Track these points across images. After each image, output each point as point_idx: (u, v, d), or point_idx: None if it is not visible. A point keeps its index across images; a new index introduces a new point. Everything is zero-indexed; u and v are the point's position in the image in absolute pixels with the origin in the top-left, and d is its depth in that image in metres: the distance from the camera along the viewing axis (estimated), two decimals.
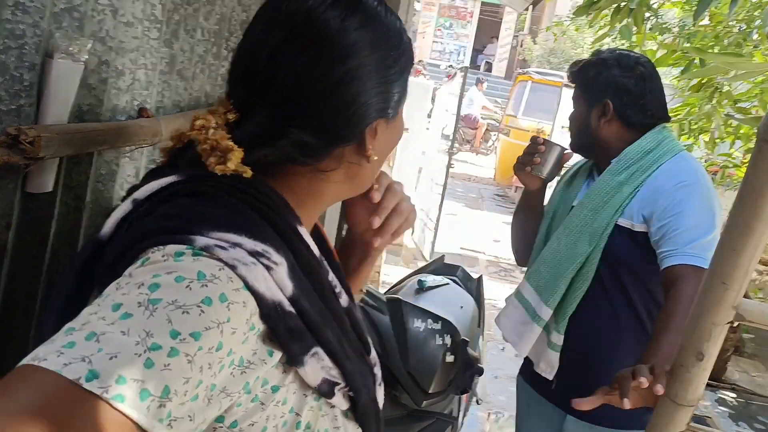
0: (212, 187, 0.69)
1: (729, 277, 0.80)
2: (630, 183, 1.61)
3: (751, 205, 0.75)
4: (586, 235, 1.62)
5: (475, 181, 11.42)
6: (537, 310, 1.67)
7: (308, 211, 0.78)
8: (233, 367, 0.61)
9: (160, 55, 1.09)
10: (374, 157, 0.77)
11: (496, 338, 4.78)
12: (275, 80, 0.71)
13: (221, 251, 0.62)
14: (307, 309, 0.67)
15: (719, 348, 0.87)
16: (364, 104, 0.73)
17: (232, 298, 0.60)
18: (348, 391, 0.74)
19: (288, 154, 0.72)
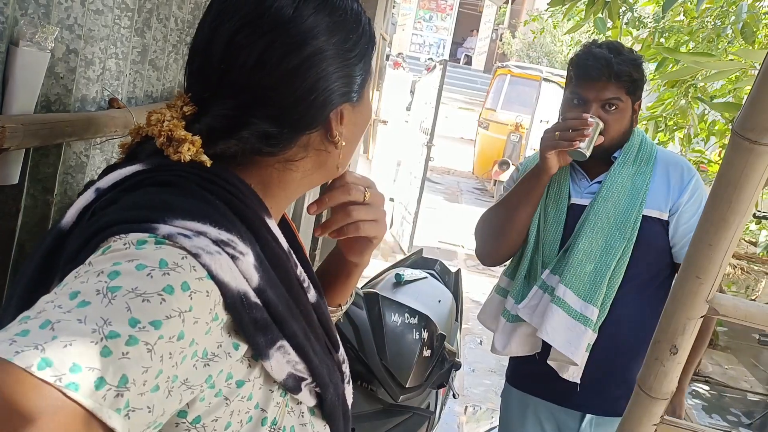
0: (180, 176, 0.67)
1: (703, 272, 0.81)
2: (640, 174, 1.67)
3: (726, 199, 0.75)
4: (618, 230, 1.64)
5: (454, 174, 11.45)
6: (583, 311, 1.63)
7: (277, 202, 0.76)
8: (196, 358, 0.59)
9: (132, 44, 1.06)
10: (342, 142, 0.76)
11: (474, 332, 4.80)
12: (231, 71, 0.70)
13: (184, 239, 0.60)
14: (273, 301, 0.66)
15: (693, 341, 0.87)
16: (326, 89, 0.72)
17: (195, 287, 0.58)
18: (315, 387, 0.73)
19: (252, 146, 0.70)
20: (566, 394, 1.73)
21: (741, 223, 0.76)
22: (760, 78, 0.71)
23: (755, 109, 0.72)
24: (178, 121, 0.69)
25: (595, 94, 1.63)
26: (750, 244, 4.91)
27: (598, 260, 1.64)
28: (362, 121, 0.81)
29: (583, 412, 1.73)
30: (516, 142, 9.84)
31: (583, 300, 1.63)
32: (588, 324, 1.63)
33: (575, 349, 1.63)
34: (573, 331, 1.63)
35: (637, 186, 1.66)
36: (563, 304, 1.64)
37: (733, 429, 3.93)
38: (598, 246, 1.64)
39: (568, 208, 1.71)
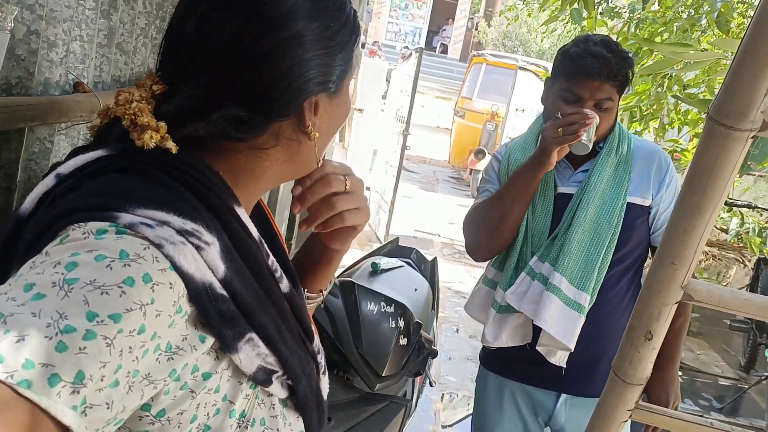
0: (144, 163, 0.65)
1: (678, 258, 0.81)
2: (622, 163, 1.71)
3: (701, 185, 0.75)
4: (605, 218, 1.67)
5: (430, 163, 11.45)
6: (577, 299, 1.66)
7: (247, 191, 0.74)
8: (159, 352, 0.57)
9: (98, 26, 1.03)
10: (315, 134, 0.73)
11: (450, 320, 4.82)
12: (203, 50, 0.67)
13: (147, 229, 0.58)
14: (241, 292, 0.64)
15: (668, 327, 0.88)
16: (301, 76, 0.69)
17: (157, 278, 0.56)
18: (286, 379, 0.71)
19: (221, 129, 0.68)
20: (548, 378, 1.76)
21: (716, 209, 0.76)
22: (735, 64, 0.70)
23: (730, 95, 0.71)
24: (146, 103, 0.67)
25: (590, 93, 1.63)
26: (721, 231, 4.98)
27: (589, 248, 1.67)
28: (339, 114, 0.78)
29: (565, 393, 1.76)
30: (492, 130, 9.87)
31: (577, 288, 1.66)
32: (581, 311, 1.66)
33: (570, 336, 1.66)
34: (568, 318, 1.66)
35: (620, 174, 1.70)
36: (559, 293, 1.66)
37: (704, 413, 4.00)
38: (588, 234, 1.67)
39: (558, 197, 1.72)
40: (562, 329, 1.65)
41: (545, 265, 1.68)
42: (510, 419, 1.82)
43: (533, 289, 1.68)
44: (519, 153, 1.79)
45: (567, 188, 1.73)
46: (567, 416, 1.78)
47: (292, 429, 0.76)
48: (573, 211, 1.68)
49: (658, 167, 1.74)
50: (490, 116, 10.02)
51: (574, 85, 1.64)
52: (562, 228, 1.69)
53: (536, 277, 1.69)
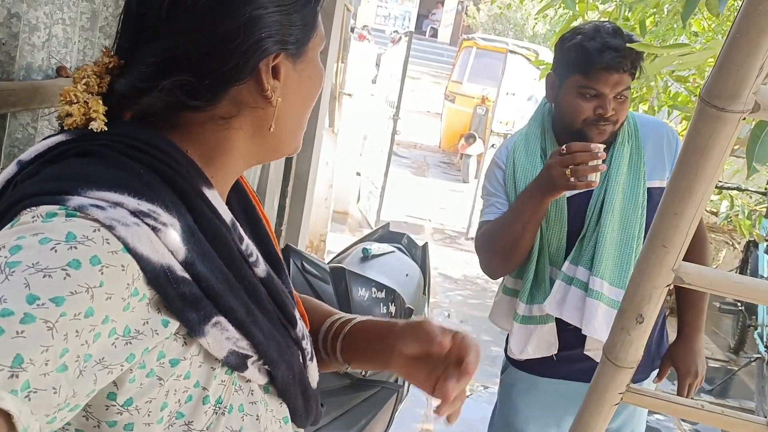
0: (105, 146, 0.63)
1: (669, 240, 0.80)
2: (635, 149, 1.65)
3: (692, 167, 0.75)
4: (632, 209, 1.62)
5: (420, 148, 11.43)
6: (619, 298, 1.59)
7: (220, 169, 0.71)
8: (115, 336, 0.56)
9: (80, 9, 1.01)
10: (277, 98, 0.70)
11: (441, 305, 4.84)
12: (146, 16, 0.65)
13: (97, 211, 0.57)
14: (205, 275, 0.62)
15: (659, 310, 0.88)
16: (251, 35, 0.65)
17: (107, 261, 0.55)
18: (263, 364, 0.70)
19: (174, 99, 0.65)
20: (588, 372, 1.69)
21: (707, 191, 0.76)
22: (726, 46, 0.70)
23: (721, 77, 0.71)
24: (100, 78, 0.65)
25: (612, 87, 1.57)
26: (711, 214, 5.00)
27: (621, 244, 1.62)
28: (307, 81, 0.74)
29: None
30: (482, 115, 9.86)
31: (618, 287, 1.60)
32: None
33: None
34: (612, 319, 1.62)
35: (634, 161, 1.65)
36: (601, 297, 1.60)
37: (695, 395, 4.03)
38: (618, 230, 1.62)
39: (571, 199, 1.65)
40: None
41: (580, 269, 1.62)
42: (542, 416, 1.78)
43: (573, 296, 1.62)
44: (523, 158, 1.70)
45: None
46: None
47: (274, 415, 0.75)
48: (598, 209, 1.63)
49: (668, 145, 1.70)
50: (480, 100, 10.01)
51: (595, 81, 1.57)
52: (590, 228, 1.63)
53: (573, 282, 1.63)
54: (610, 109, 1.58)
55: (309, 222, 3.80)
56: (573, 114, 1.61)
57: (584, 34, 1.60)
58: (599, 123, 1.59)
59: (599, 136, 1.60)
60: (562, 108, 1.65)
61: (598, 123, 1.59)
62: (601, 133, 1.61)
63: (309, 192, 3.52)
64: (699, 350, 1.76)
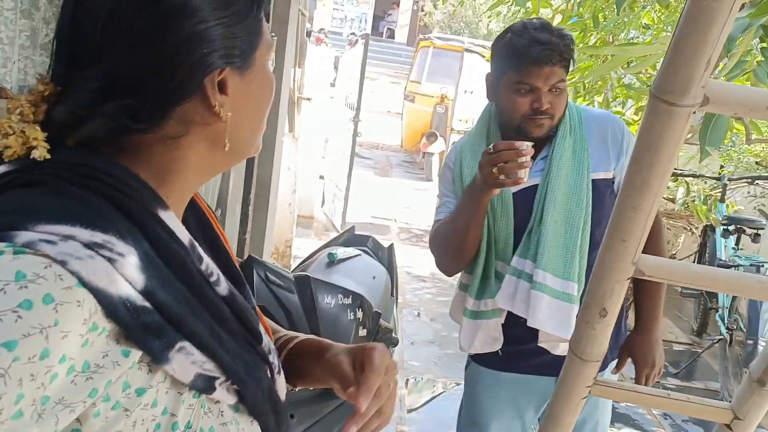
0: (51, 175, 0.60)
1: (628, 234, 0.81)
2: (579, 141, 1.67)
3: (646, 162, 0.75)
4: (574, 201, 1.64)
5: (383, 148, 11.45)
6: (565, 289, 1.63)
7: (174, 189, 0.69)
8: (74, 374, 0.54)
9: (19, 27, 0.98)
10: (226, 114, 0.67)
11: (411, 304, 4.84)
12: (81, 40, 0.62)
13: (48, 246, 0.54)
14: (166, 301, 0.60)
15: (621, 302, 0.89)
16: (194, 50, 0.63)
17: (61, 298, 0.53)
18: (231, 384, 0.68)
19: (118, 123, 0.63)
20: (547, 365, 1.73)
21: (662, 184, 0.77)
22: (674, 40, 0.70)
23: (671, 71, 0.72)
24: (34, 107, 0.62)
25: (544, 81, 1.60)
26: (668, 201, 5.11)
27: (565, 236, 1.64)
28: (257, 92, 0.72)
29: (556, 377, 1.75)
30: (442, 113, 9.92)
31: (562, 278, 1.63)
32: (572, 300, 1.64)
33: (566, 328, 1.63)
34: (561, 311, 1.63)
35: (578, 154, 1.67)
36: (545, 288, 1.63)
37: (661, 379, 4.11)
38: (561, 222, 1.64)
39: (517, 194, 1.68)
40: (557, 324, 1.63)
41: (528, 263, 1.65)
42: (505, 411, 1.80)
43: (522, 289, 1.65)
44: (470, 157, 1.74)
45: (530, 180, 1.65)
46: None
47: None
48: (542, 202, 1.65)
49: (614, 136, 1.71)
50: (439, 99, 10.07)
51: (526, 76, 1.60)
52: (535, 221, 1.66)
53: (522, 276, 1.66)
54: (546, 103, 1.61)
55: (273, 229, 3.77)
56: (511, 110, 1.65)
57: (513, 31, 1.64)
58: (537, 117, 1.62)
59: (538, 130, 1.64)
60: (501, 105, 1.68)
61: (536, 117, 1.62)
62: (540, 127, 1.64)
63: (272, 198, 3.49)
64: (656, 340, 1.79)
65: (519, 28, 1.64)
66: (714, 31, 0.66)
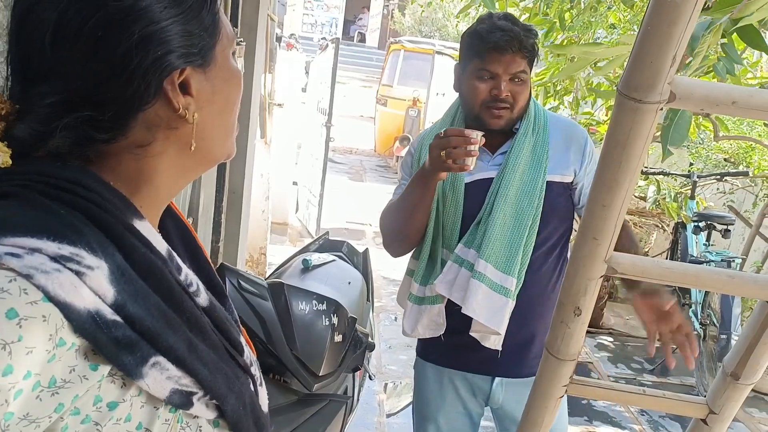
0: (21, 186, 0.59)
1: (599, 233, 0.81)
2: (539, 142, 1.70)
3: (616, 160, 0.76)
4: (527, 199, 1.66)
5: (356, 153, 11.44)
6: (503, 283, 1.65)
7: (148, 197, 0.67)
8: (39, 389, 0.53)
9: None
10: (193, 115, 0.65)
11: (388, 309, 4.83)
12: (31, 53, 0.60)
13: (13, 259, 0.53)
14: (139, 315, 0.58)
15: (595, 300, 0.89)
16: (148, 53, 0.60)
17: (26, 312, 0.52)
18: (209, 399, 0.66)
19: (81, 135, 0.61)
20: (484, 362, 1.76)
21: (632, 181, 0.77)
22: (640, 38, 0.71)
23: (637, 69, 0.72)
24: None
25: (504, 68, 1.62)
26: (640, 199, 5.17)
27: (512, 231, 1.66)
28: (225, 87, 0.70)
29: (499, 376, 1.77)
30: (414, 117, 9.95)
31: (502, 272, 1.65)
32: (508, 295, 1.66)
33: (499, 321, 1.66)
34: (496, 303, 1.65)
35: (538, 154, 1.69)
36: (484, 279, 1.65)
37: (637, 375, 4.15)
38: (510, 217, 1.66)
39: (471, 185, 1.70)
40: (491, 315, 1.65)
41: (471, 252, 1.68)
42: (451, 404, 1.82)
43: (461, 277, 1.68)
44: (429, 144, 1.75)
45: (487, 173, 1.71)
46: (504, 397, 1.80)
47: None
48: (494, 196, 1.68)
49: (576, 142, 1.74)
50: (411, 102, 10.10)
51: (487, 62, 1.63)
52: (485, 213, 1.68)
53: (463, 264, 1.68)
54: (505, 90, 1.63)
55: (247, 236, 3.73)
56: (472, 97, 1.67)
57: (479, 20, 1.69)
58: (495, 105, 1.64)
59: (496, 122, 1.66)
60: (464, 94, 1.71)
61: (494, 105, 1.64)
62: (498, 118, 1.66)
63: (245, 205, 3.45)
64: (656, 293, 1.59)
65: (484, 17, 1.69)
66: (679, 27, 0.67)
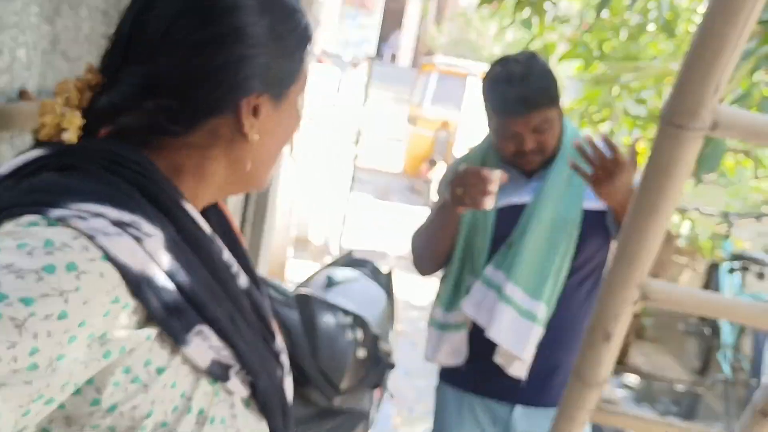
0: (84, 160, 0.64)
1: (635, 257, 0.81)
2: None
3: (656, 185, 0.76)
4: (562, 226, 1.65)
5: (382, 172, 11.44)
6: (531, 308, 1.63)
7: (191, 190, 0.72)
8: (91, 338, 0.57)
9: (41, 33, 1.00)
10: (254, 135, 0.72)
11: (407, 334, 4.81)
12: (140, 39, 0.67)
13: (79, 221, 0.58)
14: (189, 284, 0.63)
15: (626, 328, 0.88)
16: (238, 73, 0.68)
17: (84, 267, 0.56)
18: (245, 374, 0.70)
19: (154, 122, 0.67)
20: (506, 389, 1.73)
21: (671, 208, 0.77)
22: (684, 66, 0.71)
23: (681, 95, 0.73)
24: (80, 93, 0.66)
25: (524, 126, 1.61)
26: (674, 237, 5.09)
27: (544, 257, 1.64)
28: (286, 124, 0.77)
29: (521, 404, 1.74)
30: (444, 139, 9.89)
31: (531, 297, 1.63)
32: (536, 320, 1.63)
33: (523, 347, 1.63)
34: (521, 328, 1.63)
35: (575, 180, 1.66)
36: (512, 302, 1.63)
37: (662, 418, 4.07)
38: (543, 243, 1.64)
39: (505, 209, 1.69)
40: (515, 340, 1.63)
41: (500, 274, 1.66)
42: (469, 430, 1.79)
43: (489, 299, 1.66)
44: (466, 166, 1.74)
45: (521, 197, 1.70)
46: (524, 426, 1.75)
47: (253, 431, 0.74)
48: (528, 220, 1.66)
49: None
50: (442, 124, 10.05)
51: (507, 124, 1.63)
52: (516, 235, 1.67)
53: (492, 285, 1.67)
54: (530, 143, 1.62)
55: (269, 249, 3.76)
56: (500, 149, 1.68)
57: (490, 79, 1.65)
58: (524, 157, 1.65)
59: (528, 166, 1.66)
60: (492, 139, 1.71)
61: (523, 157, 1.65)
62: (530, 162, 1.66)
63: (269, 218, 3.48)
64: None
65: (494, 76, 1.64)
66: (724, 56, 0.68)
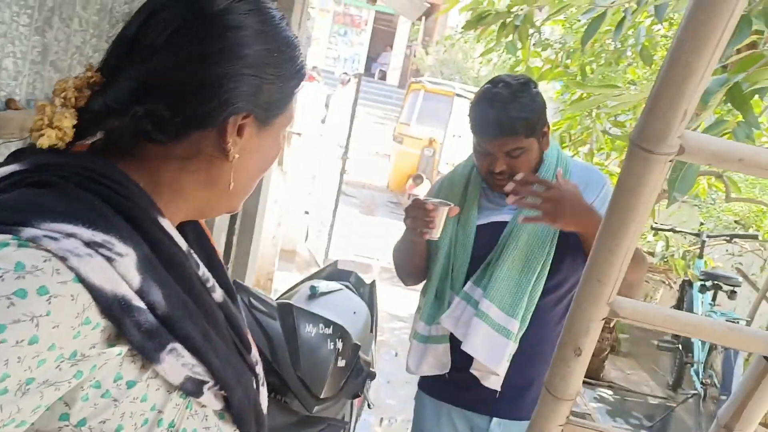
0: (58, 176, 0.64)
1: (604, 275, 0.84)
2: None
3: (624, 205, 0.79)
4: (538, 245, 1.68)
5: (369, 187, 11.50)
6: (506, 324, 1.68)
7: (168, 204, 0.72)
8: (61, 360, 0.58)
9: (32, 43, 1.01)
10: (235, 154, 0.72)
11: (389, 344, 4.82)
12: (143, 43, 0.68)
13: (50, 242, 0.58)
14: (161, 303, 0.64)
15: (595, 343, 0.91)
16: (229, 90, 0.69)
17: (55, 290, 0.57)
18: (219, 389, 0.71)
19: (140, 128, 0.68)
20: (482, 401, 1.77)
21: (638, 228, 0.80)
22: (654, 92, 0.74)
23: (649, 121, 0.76)
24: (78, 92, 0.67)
25: (498, 148, 1.65)
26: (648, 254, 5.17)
27: (520, 275, 1.69)
28: (266, 151, 0.78)
29: (497, 417, 1.78)
30: (430, 156, 10.02)
31: (506, 314, 1.68)
32: (510, 336, 1.68)
33: (497, 361, 1.68)
34: (496, 344, 1.68)
35: None
36: (486, 318, 1.68)
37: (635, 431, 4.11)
38: (519, 261, 1.69)
39: (484, 227, 1.74)
40: (490, 354, 1.68)
41: (478, 290, 1.71)
42: None
43: (466, 314, 1.71)
44: (447, 184, 1.84)
45: (501, 216, 1.73)
46: None
47: None
48: (506, 239, 1.70)
49: (593, 188, 1.73)
50: (428, 142, 10.18)
51: (483, 143, 1.68)
52: (495, 255, 1.71)
53: (470, 301, 1.71)
54: (501, 166, 1.66)
55: (256, 259, 3.77)
56: (477, 164, 1.75)
57: (477, 96, 1.71)
58: (495, 177, 1.69)
59: (499, 188, 1.69)
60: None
61: (494, 177, 1.69)
62: (498, 185, 1.69)
63: (257, 229, 3.50)
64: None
65: (482, 93, 1.70)
66: (691, 85, 0.70)
